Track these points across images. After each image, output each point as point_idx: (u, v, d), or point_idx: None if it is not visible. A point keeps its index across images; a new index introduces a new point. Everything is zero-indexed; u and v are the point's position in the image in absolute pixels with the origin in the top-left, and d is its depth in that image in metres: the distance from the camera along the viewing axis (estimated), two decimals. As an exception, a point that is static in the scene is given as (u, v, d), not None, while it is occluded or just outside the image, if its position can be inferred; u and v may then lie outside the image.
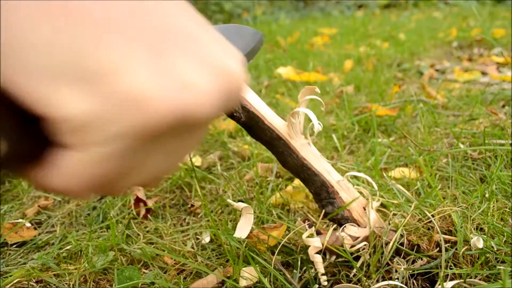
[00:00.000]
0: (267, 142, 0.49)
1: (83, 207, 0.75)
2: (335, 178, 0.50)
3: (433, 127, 0.99)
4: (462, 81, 1.56)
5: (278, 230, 0.57)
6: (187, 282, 0.53)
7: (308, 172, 0.49)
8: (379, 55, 2.08)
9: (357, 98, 1.33)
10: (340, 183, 0.50)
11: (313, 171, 0.49)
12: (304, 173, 0.50)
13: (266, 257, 0.53)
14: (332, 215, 0.50)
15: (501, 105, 1.17)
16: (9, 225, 0.68)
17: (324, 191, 0.50)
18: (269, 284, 0.49)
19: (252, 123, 0.47)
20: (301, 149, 0.49)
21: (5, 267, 0.59)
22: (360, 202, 0.51)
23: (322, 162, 0.50)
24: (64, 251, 0.61)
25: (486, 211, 0.57)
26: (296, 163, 0.49)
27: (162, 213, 0.72)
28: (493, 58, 1.90)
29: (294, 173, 0.51)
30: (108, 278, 0.55)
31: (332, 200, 0.50)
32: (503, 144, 0.80)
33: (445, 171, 0.74)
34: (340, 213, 0.50)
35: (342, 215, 0.50)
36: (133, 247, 0.60)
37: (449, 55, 2.20)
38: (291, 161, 0.49)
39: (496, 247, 0.50)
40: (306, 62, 1.87)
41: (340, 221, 0.51)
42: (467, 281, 0.47)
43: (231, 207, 0.70)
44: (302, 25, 3.90)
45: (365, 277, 0.49)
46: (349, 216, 0.50)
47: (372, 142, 0.90)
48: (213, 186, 0.79)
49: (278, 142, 0.48)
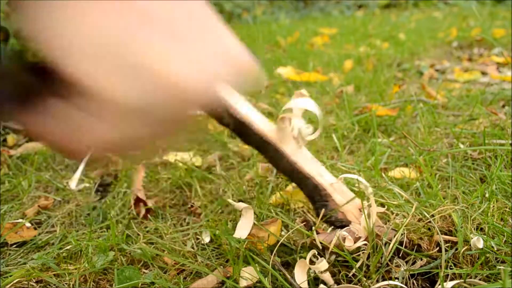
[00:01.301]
0: (257, 147, 0.49)
1: (83, 207, 0.75)
2: (329, 181, 0.50)
3: (433, 127, 0.99)
4: (462, 81, 1.56)
5: (274, 226, 0.56)
6: (187, 282, 0.53)
7: (299, 175, 0.49)
8: (379, 55, 2.08)
9: (357, 98, 1.33)
10: (334, 186, 0.50)
11: (304, 174, 0.49)
12: (295, 177, 0.50)
13: (266, 257, 0.53)
14: (325, 218, 0.50)
15: (501, 105, 1.17)
16: (9, 225, 0.68)
17: (317, 194, 0.50)
18: (269, 284, 0.49)
19: (241, 129, 0.47)
20: (291, 153, 0.49)
21: (5, 267, 0.59)
22: (355, 204, 0.51)
23: (314, 165, 0.50)
24: (64, 251, 0.61)
25: (486, 211, 0.57)
26: (287, 167, 0.49)
27: (162, 213, 0.72)
28: (493, 58, 1.90)
29: (287, 177, 0.51)
30: (108, 278, 0.55)
31: (325, 203, 0.50)
32: (503, 144, 0.80)
33: (445, 171, 0.74)
34: (334, 215, 0.50)
35: (336, 217, 0.50)
36: (133, 247, 0.60)
37: (449, 55, 2.20)
38: (282, 165, 0.49)
39: (496, 247, 0.50)
40: (306, 62, 1.87)
41: (334, 223, 0.51)
42: (467, 281, 0.47)
43: (231, 207, 0.70)
44: (302, 25, 3.90)
45: (365, 278, 0.49)
46: (343, 218, 0.50)
47: (372, 142, 0.90)
48: (213, 186, 0.79)
49: (267, 147, 0.48)
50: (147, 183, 0.82)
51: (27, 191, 0.81)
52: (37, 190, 0.83)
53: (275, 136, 0.48)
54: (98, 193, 0.81)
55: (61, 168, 0.94)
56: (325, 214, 0.50)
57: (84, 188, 0.83)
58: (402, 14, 4.79)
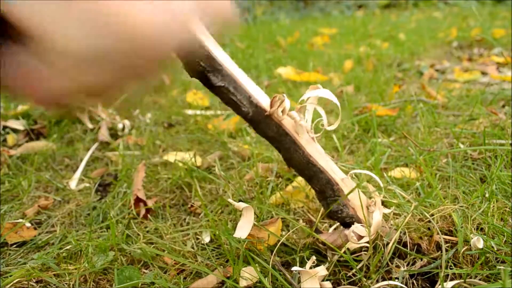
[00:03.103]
0: (273, 138, 0.48)
1: (83, 207, 0.75)
2: (340, 176, 0.50)
3: (433, 127, 0.99)
4: (462, 81, 1.56)
5: (274, 226, 0.56)
6: (187, 282, 0.53)
7: (314, 169, 0.49)
8: (379, 55, 2.08)
9: (357, 98, 1.33)
10: (345, 181, 0.50)
11: (319, 168, 0.49)
12: (309, 170, 0.49)
13: (266, 257, 0.53)
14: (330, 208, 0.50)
15: (501, 105, 1.17)
16: (9, 225, 0.68)
17: (329, 188, 0.49)
18: (269, 284, 0.49)
19: (259, 118, 0.46)
20: (306, 146, 0.48)
21: (5, 267, 0.59)
22: (364, 201, 0.51)
23: (327, 159, 0.50)
24: (64, 251, 0.61)
25: (486, 211, 0.57)
26: (302, 160, 0.48)
27: (162, 213, 0.72)
28: (493, 58, 1.90)
29: (299, 171, 0.50)
30: (108, 278, 0.55)
31: (337, 198, 0.49)
32: (503, 144, 0.80)
33: (445, 171, 0.74)
34: (346, 211, 0.50)
35: (348, 213, 0.50)
36: (133, 247, 0.60)
37: (449, 55, 2.20)
38: (297, 158, 0.48)
39: (496, 247, 0.50)
40: (306, 62, 1.87)
41: (345, 219, 0.50)
42: (467, 281, 0.47)
43: (231, 207, 0.70)
44: (302, 25, 3.90)
45: (365, 278, 0.49)
46: (354, 214, 0.50)
47: (372, 142, 0.90)
48: (213, 186, 0.79)
49: (284, 138, 0.47)
50: (147, 183, 0.82)
51: (27, 191, 0.81)
52: (37, 190, 0.83)
53: (292, 127, 0.47)
54: (98, 193, 0.81)
55: (61, 168, 0.94)
56: (336, 210, 0.50)
57: (84, 188, 0.83)
58: (402, 14, 4.79)
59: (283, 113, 0.45)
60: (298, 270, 0.47)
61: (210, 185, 0.79)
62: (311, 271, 0.46)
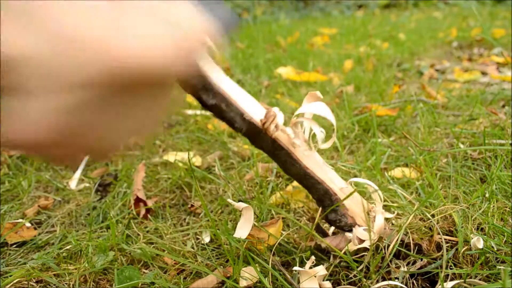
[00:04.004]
0: (269, 152, 0.48)
1: (83, 207, 0.75)
2: (339, 185, 0.50)
3: (433, 127, 0.99)
4: (462, 81, 1.56)
5: (275, 227, 0.56)
6: (187, 282, 0.53)
7: (311, 180, 0.49)
8: (379, 55, 2.08)
9: (357, 98, 1.33)
10: (344, 190, 0.50)
11: (316, 179, 0.49)
12: (307, 181, 0.49)
13: (266, 257, 0.53)
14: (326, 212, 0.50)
15: (501, 105, 1.17)
16: (9, 225, 0.68)
17: (327, 198, 0.49)
18: (269, 284, 0.49)
19: (254, 134, 0.46)
20: (303, 158, 0.48)
21: (5, 267, 0.59)
22: (364, 208, 0.51)
23: (326, 170, 0.50)
24: (64, 251, 0.61)
25: (486, 211, 0.57)
26: (299, 172, 0.48)
27: (162, 213, 0.72)
28: (493, 58, 1.90)
29: (297, 180, 0.51)
30: (108, 278, 0.55)
31: (336, 207, 0.49)
32: (503, 144, 0.80)
33: (445, 171, 0.74)
34: (344, 220, 0.50)
35: (346, 222, 0.50)
36: (133, 247, 0.60)
37: (449, 55, 2.20)
38: (293, 170, 0.48)
39: (496, 247, 0.50)
40: (306, 62, 1.87)
41: (343, 228, 0.51)
42: (467, 281, 0.47)
43: (231, 207, 0.70)
44: (302, 25, 3.90)
45: (365, 278, 0.49)
46: (352, 222, 0.50)
47: (372, 142, 0.90)
48: (213, 186, 0.79)
49: (280, 152, 0.47)
50: (147, 183, 0.82)
51: (27, 191, 0.81)
52: (37, 190, 0.83)
53: (288, 140, 0.47)
54: (98, 193, 0.81)
55: (61, 168, 0.94)
56: (334, 219, 0.50)
57: (84, 188, 0.83)
58: (402, 14, 4.79)
59: (276, 128, 0.45)
60: (298, 270, 0.47)
61: (210, 185, 0.79)
62: (311, 271, 0.46)
